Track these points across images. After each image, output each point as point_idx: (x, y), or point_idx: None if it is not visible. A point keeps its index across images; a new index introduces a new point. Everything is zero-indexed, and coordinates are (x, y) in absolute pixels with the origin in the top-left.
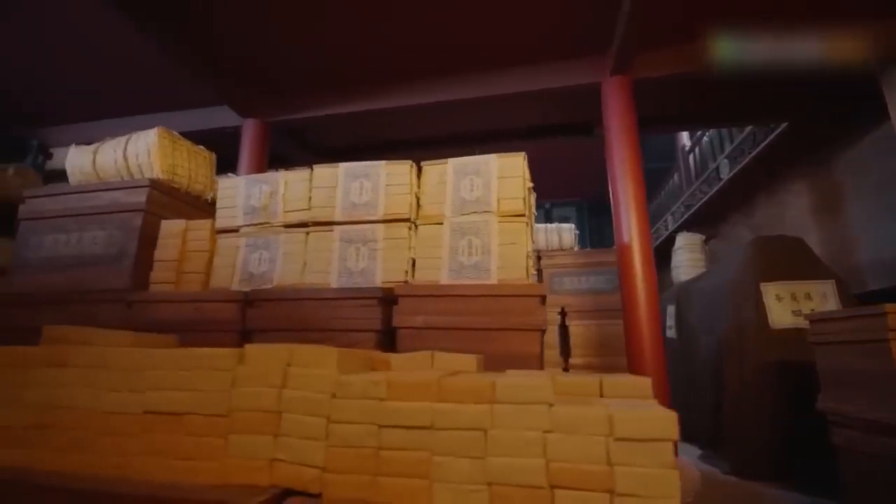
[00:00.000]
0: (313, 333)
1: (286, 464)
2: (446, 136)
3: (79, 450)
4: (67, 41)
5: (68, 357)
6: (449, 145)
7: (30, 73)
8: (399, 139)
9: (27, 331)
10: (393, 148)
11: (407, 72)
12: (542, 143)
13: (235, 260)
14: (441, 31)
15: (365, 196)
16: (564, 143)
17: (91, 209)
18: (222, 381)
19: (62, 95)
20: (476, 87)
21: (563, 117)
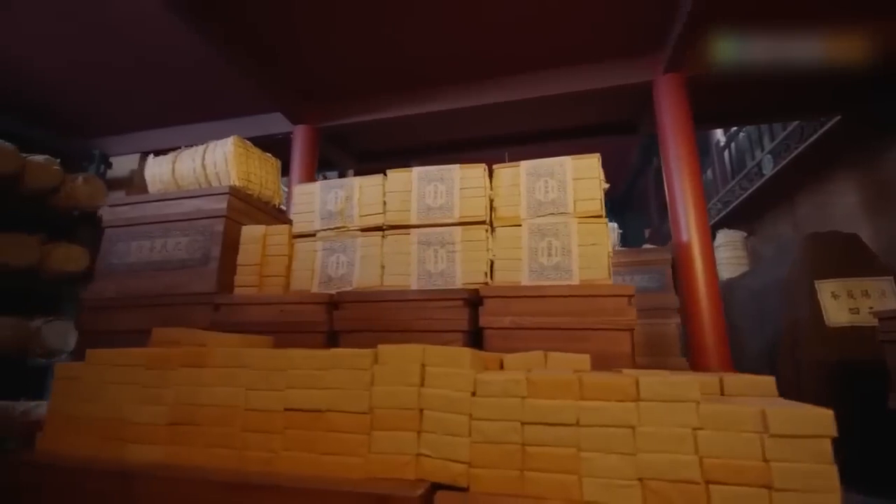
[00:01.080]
0: (400, 334)
1: (431, 459)
2: (482, 137)
3: (224, 445)
4: (126, 50)
5: (206, 358)
6: (484, 147)
7: (89, 84)
8: (435, 142)
9: (124, 333)
10: (429, 151)
11: (449, 76)
12: (574, 143)
13: (314, 263)
14: (485, 36)
15: (440, 199)
16: (590, 144)
17: (174, 216)
18: (361, 379)
19: (119, 105)
20: (520, 89)
21: (602, 117)
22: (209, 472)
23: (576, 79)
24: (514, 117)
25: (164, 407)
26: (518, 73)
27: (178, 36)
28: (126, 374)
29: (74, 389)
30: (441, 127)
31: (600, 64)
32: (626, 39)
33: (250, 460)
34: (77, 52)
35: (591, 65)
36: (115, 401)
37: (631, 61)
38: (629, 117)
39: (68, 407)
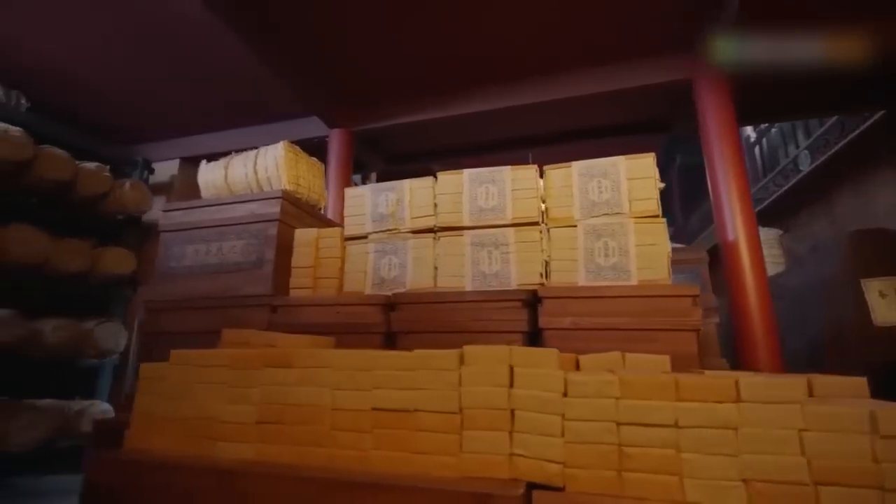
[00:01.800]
0: (458, 335)
1: (525, 459)
2: (506, 139)
3: (313, 444)
4: (169, 60)
5: (291, 359)
6: (509, 148)
7: (133, 92)
8: (461, 144)
9: (183, 334)
10: (453, 153)
11: (480, 78)
12: (596, 143)
13: (366, 265)
14: (516, 36)
15: (491, 201)
16: (613, 143)
17: (229, 220)
18: (448, 380)
19: (160, 113)
20: (553, 89)
21: (630, 116)
22: (305, 470)
23: (611, 77)
24: (539, 118)
25: (251, 406)
26: (550, 73)
27: (220, 44)
28: (211, 375)
29: (159, 389)
30: (468, 129)
31: (639, 61)
32: (663, 37)
33: (341, 458)
34: (121, 61)
35: (630, 63)
36: (202, 400)
37: (672, 58)
38: (660, 116)
39: (154, 406)
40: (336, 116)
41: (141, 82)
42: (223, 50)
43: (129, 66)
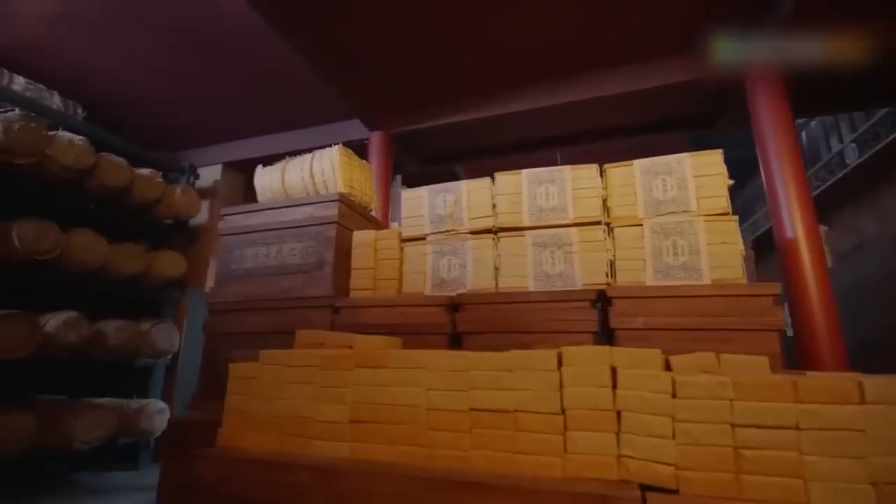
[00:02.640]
0: (526, 335)
1: (635, 460)
2: (537, 138)
3: (411, 443)
4: (216, 68)
5: (383, 360)
6: (539, 148)
7: (179, 99)
8: (501, 143)
9: (247, 334)
10: (493, 152)
11: (517, 79)
12: (624, 141)
13: (425, 266)
14: (556, 36)
15: (552, 200)
16: (642, 140)
17: (287, 223)
18: (549, 381)
19: (204, 119)
20: (596, 87)
21: (670, 112)
22: (408, 469)
23: (663, 73)
24: (570, 117)
25: (344, 406)
26: (589, 70)
27: (270, 50)
28: (302, 375)
29: (250, 388)
30: (502, 129)
31: (687, 57)
32: (709, 34)
33: (440, 458)
34: (172, 69)
35: (678, 58)
36: (294, 399)
37: (717, 56)
38: (701, 112)
39: (245, 405)
40: (376, 119)
41: (189, 89)
42: (273, 55)
43: (178, 74)
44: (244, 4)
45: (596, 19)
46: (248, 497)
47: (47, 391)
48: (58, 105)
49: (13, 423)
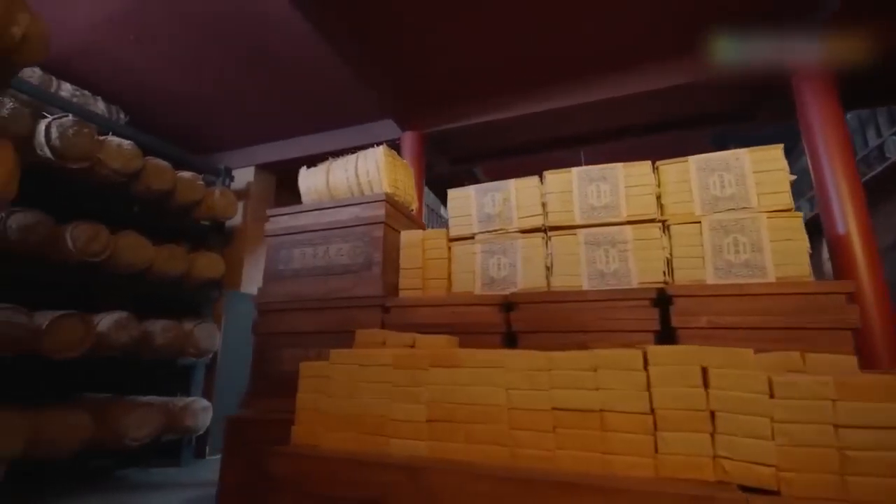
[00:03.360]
0: (583, 335)
1: (731, 461)
2: (564, 137)
3: (491, 442)
4: (254, 70)
5: (459, 359)
6: (572, 145)
7: (216, 103)
8: (526, 142)
9: (295, 334)
10: (517, 151)
11: (548, 77)
12: (650, 139)
13: (474, 266)
14: (593, 32)
15: (604, 198)
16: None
17: (334, 224)
18: (635, 380)
19: (239, 122)
20: (631, 84)
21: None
22: (497, 469)
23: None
24: (602, 114)
25: (420, 405)
26: (625, 68)
27: (310, 51)
28: (375, 374)
29: (322, 387)
30: (532, 127)
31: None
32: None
33: (524, 457)
34: (210, 72)
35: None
36: (368, 398)
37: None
38: (740, 107)
39: (318, 403)
40: (409, 118)
41: (225, 93)
42: (309, 58)
43: (215, 78)
44: (284, 8)
45: (632, 16)
46: (332, 495)
47: (94, 389)
48: (102, 110)
49: (71, 421)
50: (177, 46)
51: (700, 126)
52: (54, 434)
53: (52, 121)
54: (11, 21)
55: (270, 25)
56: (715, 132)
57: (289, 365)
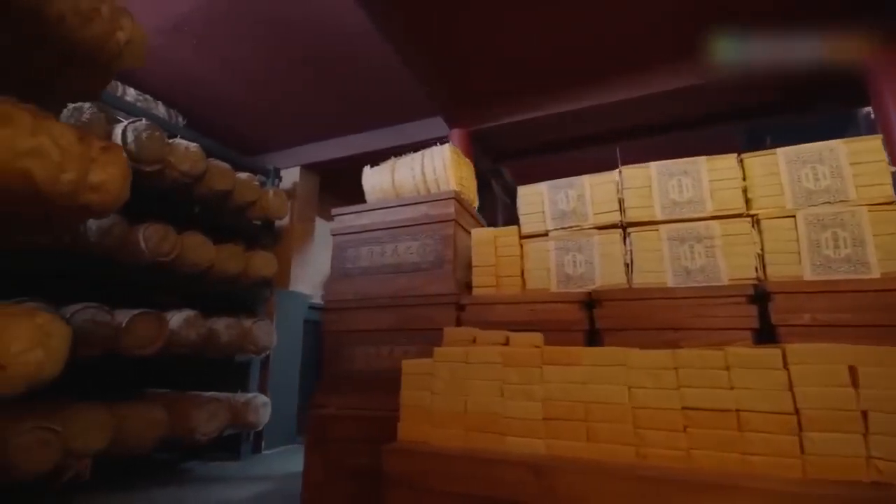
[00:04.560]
0: (673, 332)
1: (887, 462)
2: (604, 132)
3: (616, 441)
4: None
5: (579, 357)
6: (597, 143)
7: (270, 102)
8: (563, 139)
9: (366, 332)
10: (553, 149)
11: (599, 71)
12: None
13: (548, 263)
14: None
15: (686, 193)
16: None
17: (402, 222)
18: (775, 379)
19: (287, 122)
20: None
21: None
22: (628, 468)
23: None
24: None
25: (535, 403)
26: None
27: (366, 47)
28: (483, 371)
29: (426, 385)
30: (569, 124)
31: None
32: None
33: (654, 457)
34: (265, 73)
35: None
36: (478, 396)
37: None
38: (791, 99)
39: (422, 400)
40: (457, 116)
41: (277, 94)
42: (367, 55)
43: (268, 80)
44: (347, 7)
45: (683, 10)
46: (450, 491)
47: (161, 386)
48: (163, 114)
49: (150, 416)
50: (234, 50)
51: (738, 120)
52: (135, 429)
53: (128, 125)
54: (117, 27)
55: (328, 25)
56: (749, 127)
57: (360, 363)
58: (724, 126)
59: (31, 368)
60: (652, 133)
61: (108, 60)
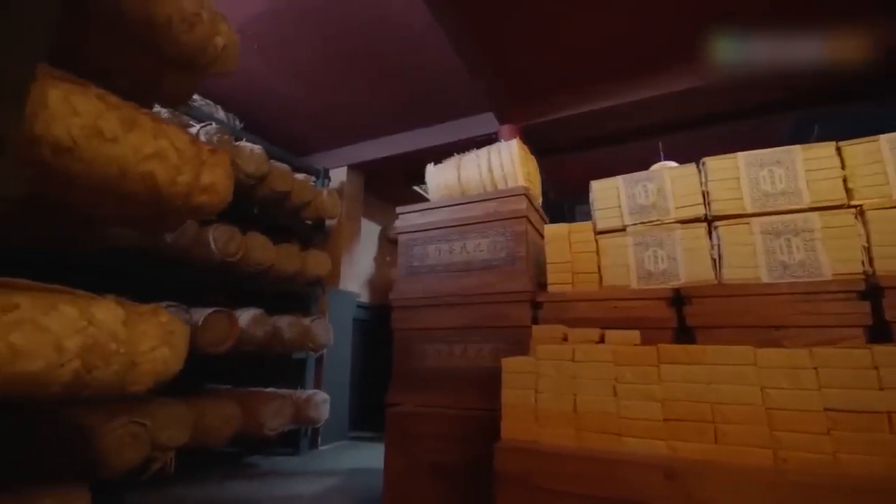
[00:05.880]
0: (774, 330)
1: None
2: (639, 127)
3: (747, 443)
4: (361, 70)
5: (702, 356)
6: (640, 137)
7: (322, 103)
8: (616, 132)
9: (434, 329)
10: (605, 141)
11: (653, 61)
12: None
13: (627, 259)
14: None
15: (779, 184)
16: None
17: (470, 219)
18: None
19: (336, 123)
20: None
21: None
22: (786, 473)
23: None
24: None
25: (654, 403)
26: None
27: (426, 42)
28: (594, 370)
29: (529, 383)
30: (614, 118)
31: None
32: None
33: (795, 461)
34: (321, 74)
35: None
36: (588, 395)
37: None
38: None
39: (525, 399)
40: (509, 111)
41: (330, 95)
42: (426, 48)
43: (324, 82)
44: (405, 5)
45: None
46: (567, 491)
47: (229, 382)
48: (222, 117)
49: (225, 412)
50: (294, 52)
51: (784, 111)
52: (212, 424)
53: (201, 128)
54: (216, 31)
55: (388, 22)
56: (799, 116)
57: (431, 360)
58: (768, 117)
59: (159, 365)
60: (693, 127)
61: (206, 65)
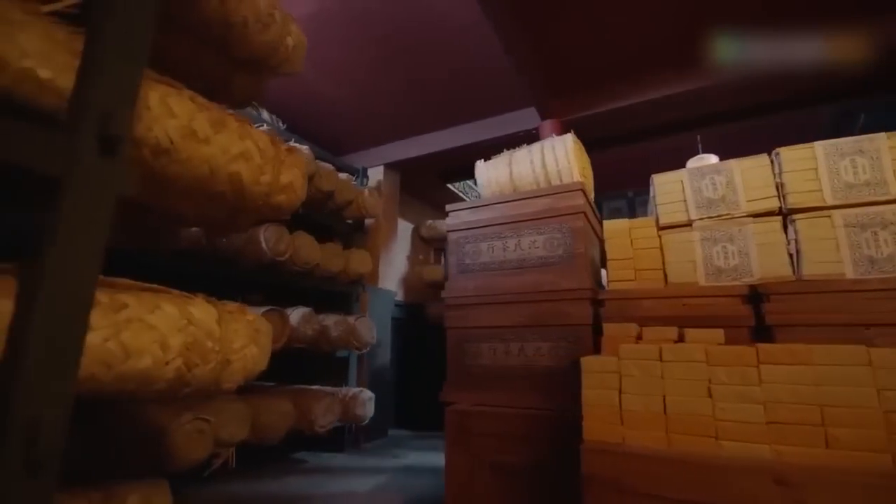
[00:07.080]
0: (864, 329)
1: None
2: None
3: (861, 448)
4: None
5: (809, 356)
6: (679, 130)
7: (359, 104)
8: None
9: (498, 328)
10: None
11: (678, 58)
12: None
13: (694, 255)
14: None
15: (863, 174)
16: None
17: (524, 216)
18: None
19: (375, 123)
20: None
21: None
22: (891, 479)
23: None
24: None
25: (756, 405)
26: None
27: (472, 38)
28: (685, 371)
29: (612, 383)
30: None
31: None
32: None
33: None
34: (362, 73)
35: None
36: (678, 396)
37: None
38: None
39: (608, 399)
40: (550, 106)
41: (368, 93)
42: (470, 44)
43: (362, 78)
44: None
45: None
46: (660, 495)
47: (277, 380)
48: (266, 119)
49: (281, 409)
50: (339, 52)
51: (827, 102)
52: (269, 420)
53: None
54: (287, 32)
55: (434, 18)
56: (843, 106)
57: (486, 359)
58: (811, 108)
59: (249, 363)
60: (734, 119)
61: (277, 66)
